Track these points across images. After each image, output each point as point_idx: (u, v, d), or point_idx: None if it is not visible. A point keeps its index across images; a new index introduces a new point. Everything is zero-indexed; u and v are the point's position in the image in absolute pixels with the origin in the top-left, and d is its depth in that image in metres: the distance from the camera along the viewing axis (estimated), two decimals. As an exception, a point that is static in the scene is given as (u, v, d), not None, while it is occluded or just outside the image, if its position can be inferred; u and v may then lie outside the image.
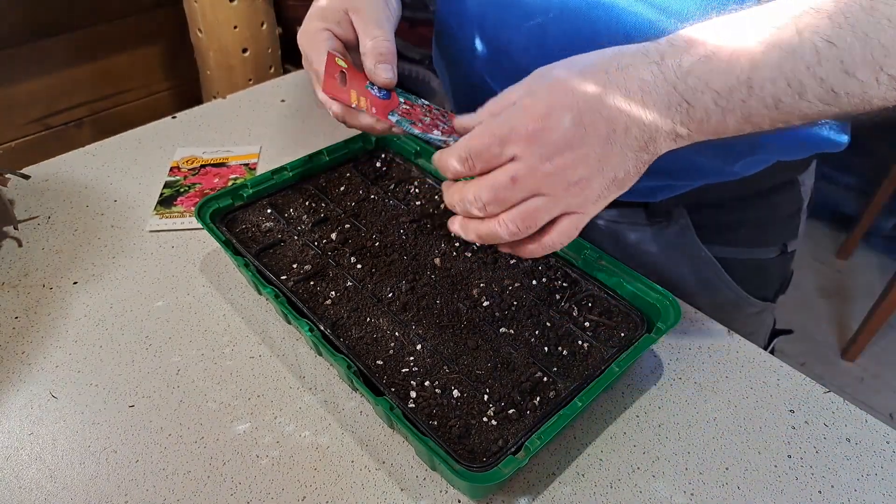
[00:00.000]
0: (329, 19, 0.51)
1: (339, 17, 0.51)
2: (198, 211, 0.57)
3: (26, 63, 1.17)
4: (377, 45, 0.49)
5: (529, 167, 0.38)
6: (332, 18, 0.51)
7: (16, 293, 0.58)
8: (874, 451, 0.46)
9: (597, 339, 0.49)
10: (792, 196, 0.61)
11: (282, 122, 0.82)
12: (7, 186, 0.68)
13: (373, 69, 0.48)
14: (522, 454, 0.40)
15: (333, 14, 0.51)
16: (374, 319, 0.50)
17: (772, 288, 0.66)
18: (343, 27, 0.51)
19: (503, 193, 0.39)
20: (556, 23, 0.50)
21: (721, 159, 0.53)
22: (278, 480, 0.44)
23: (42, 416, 0.48)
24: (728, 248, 0.61)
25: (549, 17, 0.50)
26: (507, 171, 0.39)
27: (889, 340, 1.64)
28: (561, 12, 0.49)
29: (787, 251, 0.64)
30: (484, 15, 0.55)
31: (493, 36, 0.55)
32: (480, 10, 0.55)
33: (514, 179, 0.38)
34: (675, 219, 0.60)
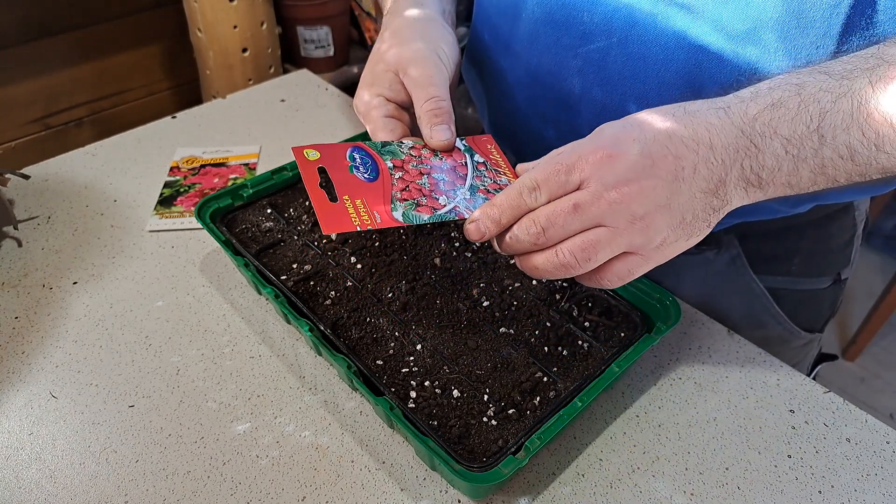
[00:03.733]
0: (380, 84, 0.49)
1: (390, 79, 0.49)
2: (198, 211, 0.57)
3: (26, 63, 1.17)
4: (430, 107, 0.46)
5: (594, 194, 0.37)
6: (383, 83, 0.49)
7: (16, 293, 0.58)
8: (874, 451, 0.46)
9: (597, 340, 0.49)
10: (846, 223, 0.59)
11: (282, 122, 0.82)
12: (7, 186, 0.68)
13: (429, 133, 0.46)
14: (522, 454, 0.40)
15: (384, 78, 0.49)
16: (374, 319, 0.50)
17: (823, 318, 0.64)
18: (395, 90, 0.49)
19: (563, 220, 0.37)
20: (620, 47, 0.48)
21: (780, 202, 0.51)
22: (278, 480, 0.44)
23: (42, 416, 0.48)
24: (779, 278, 0.59)
25: (611, 42, 0.48)
26: (571, 197, 0.37)
27: (889, 340, 1.64)
28: (626, 37, 0.47)
29: (840, 280, 0.62)
30: (535, 36, 0.52)
31: (545, 59, 0.53)
32: (533, 30, 0.52)
33: (576, 206, 0.37)
34: (726, 247, 0.57)
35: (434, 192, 0.44)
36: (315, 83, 0.90)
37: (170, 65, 1.37)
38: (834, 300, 0.64)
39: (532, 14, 0.52)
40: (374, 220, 0.41)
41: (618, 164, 0.36)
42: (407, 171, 0.45)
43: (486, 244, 0.57)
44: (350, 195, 0.42)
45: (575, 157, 0.37)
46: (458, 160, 0.47)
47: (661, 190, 0.36)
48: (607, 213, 0.37)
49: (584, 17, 0.49)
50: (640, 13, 0.46)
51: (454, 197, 0.44)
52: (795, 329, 0.61)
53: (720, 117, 0.37)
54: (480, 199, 0.44)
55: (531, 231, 0.38)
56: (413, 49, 0.49)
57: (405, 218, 0.42)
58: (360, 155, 0.45)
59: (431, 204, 0.43)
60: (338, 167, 0.44)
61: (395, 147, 0.47)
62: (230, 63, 1.22)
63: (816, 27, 0.41)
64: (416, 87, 0.47)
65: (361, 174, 0.44)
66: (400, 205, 0.42)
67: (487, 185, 0.45)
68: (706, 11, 0.43)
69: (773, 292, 0.59)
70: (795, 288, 0.60)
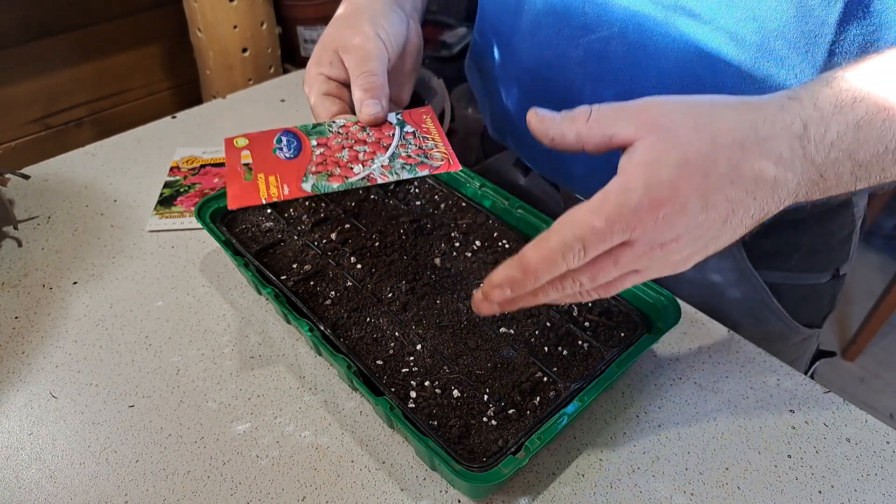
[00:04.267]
0: (322, 62, 0.51)
1: (332, 57, 0.50)
2: (198, 211, 0.57)
3: (26, 63, 1.17)
4: (363, 81, 0.48)
5: (639, 253, 0.34)
6: (325, 61, 0.50)
7: (16, 293, 0.58)
8: (874, 451, 0.46)
9: (597, 340, 0.49)
10: (846, 218, 0.59)
11: (282, 122, 0.82)
12: (7, 186, 0.68)
13: (359, 107, 0.48)
14: (522, 454, 0.40)
15: (326, 56, 0.51)
16: (374, 319, 0.50)
17: (821, 313, 0.64)
18: (336, 68, 0.50)
19: (602, 275, 0.35)
20: (621, 37, 0.48)
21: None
22: (278, 480, 0.44)
23: (42, 415, 0.48)
24: (780, 273, 0.59)
25: (613, 32, 0.48)
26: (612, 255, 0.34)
27: (889, 340, 1.64)
28: (626, 27, 0.47)
29: (839, 275, 0.62)
30: (537, 27, 0.53)
31: (547, 50, 0.53)
32: (535, 21, 0.53)
33: (616, 263, 0.34)
34: None
35: (350, 163, 0.45)
36: (315, 83, 0.90)
37: (170, 65, 1.37)
38: (833, 295, 0.64)
39: (534, 6, 0.53)
40: (282, 192, 0.43)
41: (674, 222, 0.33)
42: (329, 147, 0.47)
43: (488, 244, 0.57)
44: (265, 172, 0.45)
45: (628, 214, 0.32)
46: (386, 133, 0.48)
47: (705, 237, 0.34)
48: (646, 264, 0.35)
49: (585, 7, 0.49)
50: (640, 5, 0.46)
51: (371, 165, 0.45)
52: (795, 324, 0.61)
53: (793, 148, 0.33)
54: (398, 164, 0.46)
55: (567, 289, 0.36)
56: (353, 29, 0.50)
57: (314, 188, 0.44)
58: (288, 137, 0.48)
59: (344, 173, 0.45)
60: (262, 150, 0.47)
61: (325, 126, 0.49)
62: (230, 63, 1.23)
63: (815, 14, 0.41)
64: (351, 63, 0.49)
65: (283, 153, 0.47)
66: (312, 177, 0.45)
67: (410, 152, 0.47)
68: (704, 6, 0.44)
69: (773, 288, 0.59)
70: (795, 283, 0.60)
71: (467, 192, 0.62)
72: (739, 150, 0.33)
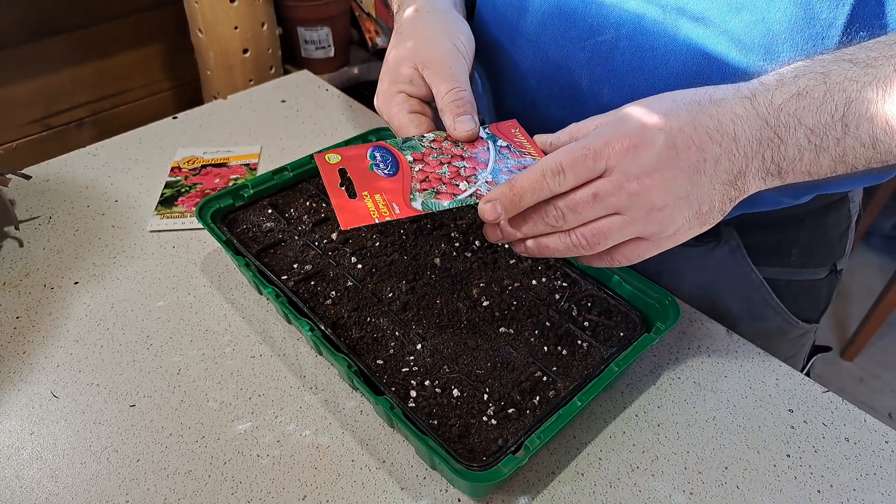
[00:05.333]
0: (400, 80, 0.49)
1: (411, 74, 0.48)
2: (199, 211, 0.57)
3: (26, 63, 1.17)
4: (452, 98, 0.46)
5: (615, 184, 0.37)
6: (403, 78, 0.48)
7: (17, 293, 0.58)
8: (873, 450, 0.46)
9: (596, 339, 0.49)
10: (842, 214, 0.60)
11: (282, 123, 0.82)
12: (8, 187, 0.68)
13: (452, 125, 0.46)
14: (522, 453, 0.40)
15: (404, 73, 0.48)
16: (375, 319, 0.50)
17: (819, 309, 0.65)
18: (416, 85, 0.48)
19: (583, 208, 0.38)
20: (628, 39, 0.48)
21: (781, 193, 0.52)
22: (279, 480, 0.44)
23: (43, 415, 0.48)
24: (777, 269, 0.59)
25: (619, 34, 0.48)
26: (592, 186, 0.37)
27: (888, 340, 1.65)
28: (634, 29, 0.47)
29: (836, 271, 0.62)
30: (542, 28, 0.53)
31: (552, 52, 0.53)
32: (541, 22, 0.52)
33: (596, 195, 0.37)
34: (726, 239, 0.57)
35: (454, 180, 0.44)
36: (315, 84, 0.91)
37: (170, 65, 1.37)
38: (830, 291, 0.65)
39: (540, 6, 0.52)
40: (393, 211, 0.42)
41: (642, 154, 0.36)
42: (427, 163, 0.45)
43: (488, 244, 0.57)
44: (369, 191, 0.43)
45: (601, 144, 0.37)
46: (480, 147, 0.47)
47: (681, 182, 0.37)
48: (626, 203, 0.37)
49: (592, 9, 0.49)
50: (647, 9, 0.46)
51: (475, 182, 0.44)
52: (793, 320, 0.62)
53: (745, 108, 0.37)
54: (502, 180, 0.44)
55: (550, 218, 0.39)
56: (430, 42, 0.49)
57: (424, 206, 0.42)
58: (381, 153, 0.46)
59: (451, 190, 0.43)
60: (358, 167, 0.45)
61: (416, 141, 0.47)
62: (231, 63, 1.23)
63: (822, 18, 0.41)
64: (436, 80, 0.47)
65: (381, 170, 0.44)
66: (419, 195, 0.43)
67: (510, 167, 0.45)
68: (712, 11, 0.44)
69: (771, 283, 0.59)
70: (793, 279, 0.60)
71: (467, 193, 0.62)
72: (697, 105, 0.37)
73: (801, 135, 0.36)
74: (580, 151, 0.37)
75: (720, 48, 0.44)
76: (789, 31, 0.42)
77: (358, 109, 0.85)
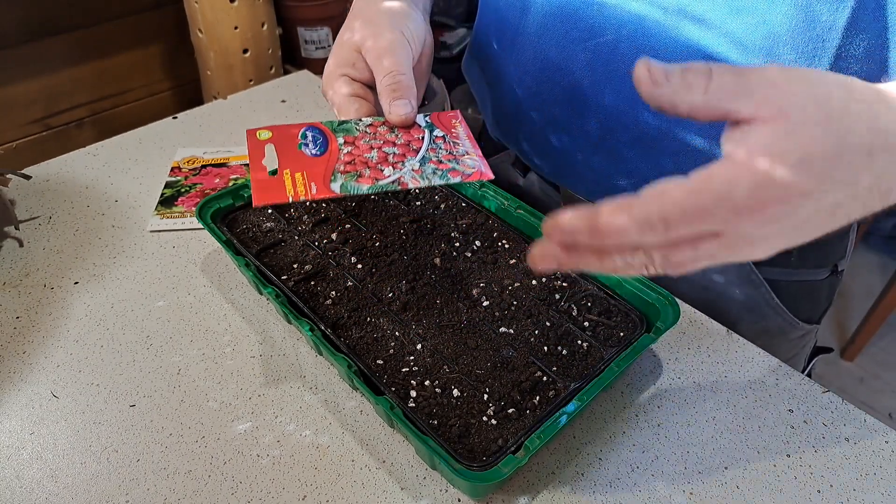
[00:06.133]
0: (344, 63, 0.48)
1: (353, 57, 0.48)
2: (199, 211, 0.57)
3: (26, 63, 1.17)
4: (391, 81, 0.46)
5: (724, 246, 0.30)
6: (346, 61, 0.48)
7: (17, 293, 0.58)
8: (873, 450, 0.46)
9: (596, 339, 0.49)
10: None
11: (282, 123, 0.82)
12: (8, 187, 0.68)
13: (388, 108, 0.45)
14: (522, 453, 0.40)
15: (347, 55, 0.48)
16: (375, 319, 0.50)
17: (820, 309, 0.65)
18: (358, 69, 0.48)
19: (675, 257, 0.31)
20: (629, 41, 0.48)
21: None
22: (279, 480, 0.44)
23: (43, 415, 0.48)
24: (778, 269, 0.59)
25: (620, 35, 0.48)
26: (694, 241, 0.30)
27: (888, 340, 1.65)
28: (635, 31, 0.47)
29: (837, 271, 0.62)
30: (543, 29, 0.52)
31: (553, 52, 0.53)
32: (542, 23, 0.52)
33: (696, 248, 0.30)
34: None
35: (380, 164, 0.44)
36: (315, 84, 0.91)
37: (170, 65, 1.37)
38: (831, 292, 0.65)
39: (541, 7, 0.52)
40: (310, 190, 0.42)
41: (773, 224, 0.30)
42: (357, 146, 0.45)
43: (488, 244, 0.57)
44: (291, 169, 0.43)
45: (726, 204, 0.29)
46: (415, 135, 0.47)
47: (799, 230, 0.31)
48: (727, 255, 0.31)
49: (593, 10, 0.49)
50: (648, 10, 0.46)
51: (401, 168, 0.44)
52: (794, 320, 0.62)
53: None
54: (430, 169, 0.44)
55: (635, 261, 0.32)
56: (376, 27, 0.48)
57: (343, 189, 0.42)
58: (313, 133, 0.46)
59: (374, 175, 0.43)
60: (287, 145, 0.45)
61: (352, 125, 0.47)
62: (231, 64, 1.23)
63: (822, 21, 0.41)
64: (376, 63, 0.47)
65: (309, 150, 0.45)
66: (340, 176, 0.43)
67: (441, 157, 0.45)
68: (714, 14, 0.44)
69: (772, 284, 0.59)
70: (794, 279, 0.60)
71: (467, 193, 0.62)
72: (867, 156, 0.29)
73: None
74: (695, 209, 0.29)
75: (721, 50, 0.44)
76: (790, 33, 0.42)
77: (358, 109, 0.85)
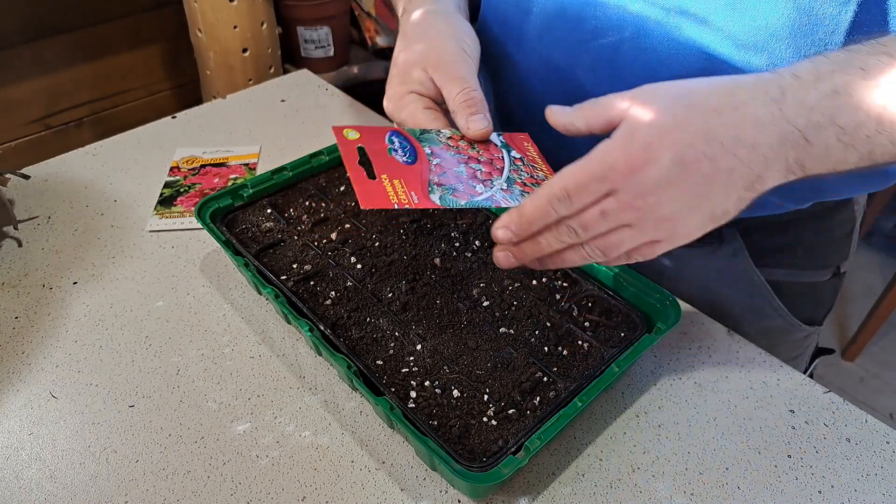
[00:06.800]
0: (410, 81, 0.49)
1: (421, 77, 0.49)
2: (198, 211, 0.57)
3: (26, 63, 1.17)
4: (463, 99, 0.46)
5: (622, 203, 0.37)
6: (413, 80, 0.49)
7: (16, 293, 0.58)
8: (874, 451, 0.46)
9: (597, 339, 0.49)
10: (846, 215, 0.59)
11: (282, 123, 0.82)
12: (7, 186, 0.68)
13: (465, 124, 0.46)
14: (522, 454, 0.40)
15: (414, 74, 0.49)
16: (374, 319, 0.50)
17: (822, 311, 0.65)
18: (426, 87, 0.49)
19: (592, 225, 0.38)
20: (632, 41, 0.48)
21: (785, 199, 0.51)
22: (278, 480, 0.44)
23: (42, 415, 0.48)
24: (781, 270, 0.59)
25: (623, 36, 0.48)
26: (599, 205, 0.37)
27: (889, 340, 1.64)
28: (638, 31, 0.47)
29: (839, 273, 0.62)
30: (546, 30, 0.53)
31: (556, 53, 0.53)
32: (544, 25, 0.53)
33: (604, 213, 0.37)
34: (728, 241, 0.57)
35: (471, 181, 0.44)
36: (315, 83, 0.91)
37: (170, 65, 1.37)
38: (833, 293, 0.64)
39: (544, 8, 0.52)
40: (412, 199, 0.41)
41: (648, 174, 0.36)
42: (444, 159, 0.45)
43: (488, 244, 0.57)
44: (388, 174, 0.43)
45: (606, 168, 0.36)
46: (494, 154, 0.47)
47: (691, 194, 0.36)
48: (634, 217, 0.37)
49: (595, 11, 0.49)
50: (651, 11, 0.46)
51: (491, 186, 0.44)
52: (796, 322, 0.61)
53: (771, 112, 0.35)
54: (517, 191, 0.44)
55: (563, 236, 0.39)
56: (438, 45, 0.49)
57: (443, 201, 0.42)
58: (399, 139, 0.45)
59: (468, 191, 0.43)
60: (377, 148, 0.44)
61: (433, 135, 0.47)
62: (230, 63, 1.22)
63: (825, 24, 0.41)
64: (446, 82, 0.47)
65: (400, 156, 0.44)
66: (437, 189, 0.43)
67: (524, 179, 0.45)
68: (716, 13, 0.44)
69: (774, 285, 0.59)
70: (797, 280, 0.60)
71: (467, 192, 0.62)
72: (715, 113, 0.35)
73: (832, 134, 0.35)
74: (585, 176, 0.37)
75: (722, 49, 0.44)
76: (791, 33, 0.42)
77: (358, 109, 0.85)
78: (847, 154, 0.36)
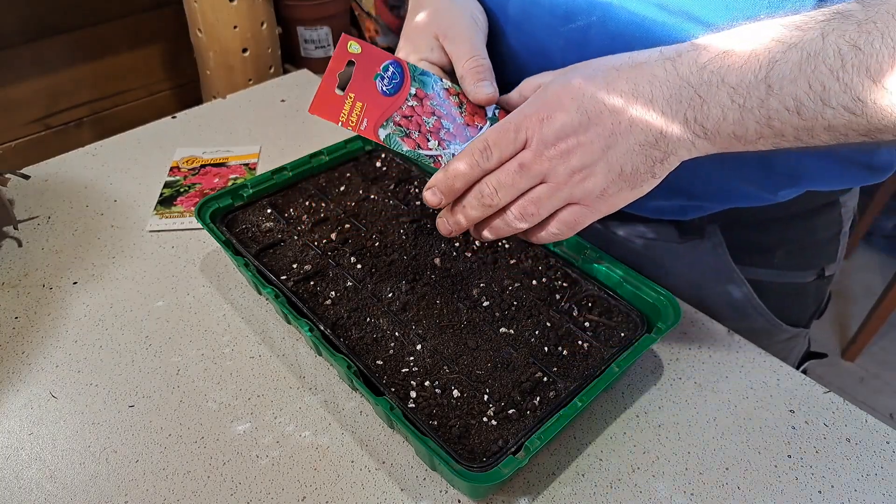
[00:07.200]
0: (421, 48, 0.50)
1: (432, 44, 0.50)
2: (198, 211, 0.57)
3: (26, 63, 1.17)
4: (473, 65, 0.48)
5: (535, 152, 0.40)
6: (424, 47, 0.50)
7: (16, 293, 0.58)
8: (874, 451, 0.46)
9: (597, 339, 0.49)
10: (832, 218, 0.59)
11: (282, 122, 0.82)
12: (7, 186, 0.68)
13: (473, 90, 0.47)
14: (522, 454, 0.40)
15: (425, 42, 0.50)
16: (374, 319, 0.50)
17: (807, 313, 0.65)
18: (437, 54, 0.50)
19: (511, 179, 0.40)
20: (599, 26, 0.49)
21: (758, 186, 0.52)
22: (278, 480, 0.44)
23: (42, 415, 0.48)
24: (762, 269, 0.59)
25: (591, 21, 0.49)
26: (516, 158, 0.40)
27: (889, 340, 1.65)
28: (604, 15, 0.48)
29: (824, 275, 0.62)
30: (524, 16, 0.54)
31: (532, 38, 0.54)
32: (521, 10, 0.54)
33: (521, 165, 0.40)
34: (708, 236, 0.58)
35: (429, 134, 0.44)
36: (315, 83, 0.91)
37: (170, 65, 1.37)
38: (818, 296, 0.64)
39: None
40: (360, 125, 0.43)
41: (556, 122, 0.39)
42: (422, 105, 0.45)
43: (488, 244, 0.57)
44: (356, 95, 0.44)
45: (522, 117, 0.40)
46: (476, 123, 0.47)
47: (597, 145, 0.39)
48: (548, 169, 0.40)
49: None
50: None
51: (446, 148, 0.45)
52: (778, 323, 0.62)
53: (666, 69, 0.38)
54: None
55: (485, 198, 0.41)
56: (449, 14, 0.51)
57: (387, 139, 0.43)
58: (393, 71, 0.46)
59: (419, 141, 0.44)
60: (365, 69, 0.45)
61: (431, 80, 0.47)
62: (230, 63, 1.22)
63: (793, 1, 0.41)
64: (456, 49, 0.49)
65: (380, 85, 0.45)
66: (391, 126, 0.44)
67: None
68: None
69: (756, 284, 0.59)
70: (779, 281, 0.60)
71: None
72: (615, 70, 0.39)
73: (724, 93, 0.36)
74: (504, 126, 0.40)
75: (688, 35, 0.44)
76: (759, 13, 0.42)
77: (358, 109, 0.84)
78: (745, 117, 0.36)
